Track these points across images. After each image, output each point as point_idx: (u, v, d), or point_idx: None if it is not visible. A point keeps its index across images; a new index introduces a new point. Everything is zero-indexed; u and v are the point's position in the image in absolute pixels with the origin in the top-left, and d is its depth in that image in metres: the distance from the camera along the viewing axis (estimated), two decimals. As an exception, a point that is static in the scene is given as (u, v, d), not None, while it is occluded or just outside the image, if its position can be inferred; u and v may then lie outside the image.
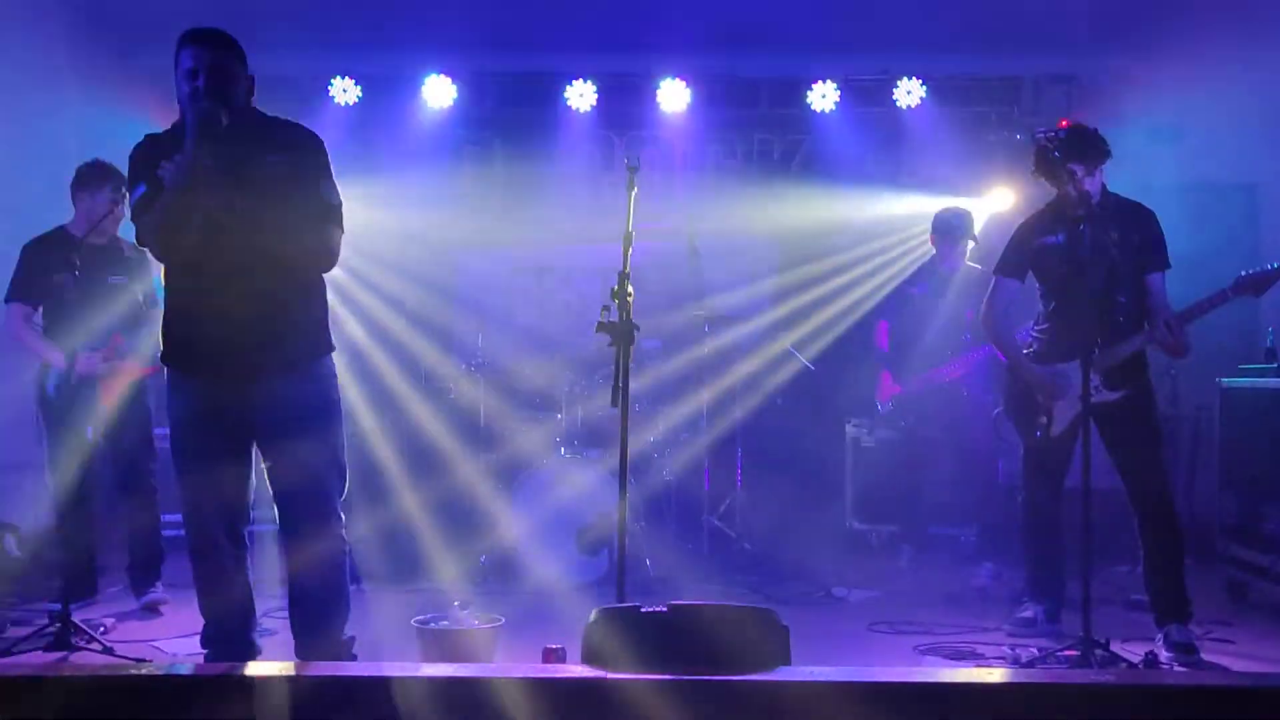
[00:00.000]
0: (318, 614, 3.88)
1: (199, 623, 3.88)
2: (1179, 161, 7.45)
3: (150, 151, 3.68)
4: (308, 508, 3.83)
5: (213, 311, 3.68)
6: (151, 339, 5.51)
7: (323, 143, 3.85)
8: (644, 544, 6.22)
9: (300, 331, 3.83)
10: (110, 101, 7.31)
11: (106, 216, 5.26)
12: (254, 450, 3.89)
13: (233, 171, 3.60)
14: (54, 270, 5.21)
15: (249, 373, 3.73)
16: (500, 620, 4.49)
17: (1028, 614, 5.11)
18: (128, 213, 3.81)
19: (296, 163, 3.73)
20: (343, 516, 3.91)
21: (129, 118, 7.34)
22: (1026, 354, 5.04)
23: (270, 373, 3.74)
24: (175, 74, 3.66)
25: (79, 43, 7.01)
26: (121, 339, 5.47)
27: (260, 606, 4.14)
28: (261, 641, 4.04)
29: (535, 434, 6.70)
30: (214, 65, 3.60)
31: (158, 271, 4.34)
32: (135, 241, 3.80)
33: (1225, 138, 7.45)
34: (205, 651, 3.90)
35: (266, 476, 3.87)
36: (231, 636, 3.86)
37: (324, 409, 3.86)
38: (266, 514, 4.00)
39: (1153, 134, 7.35)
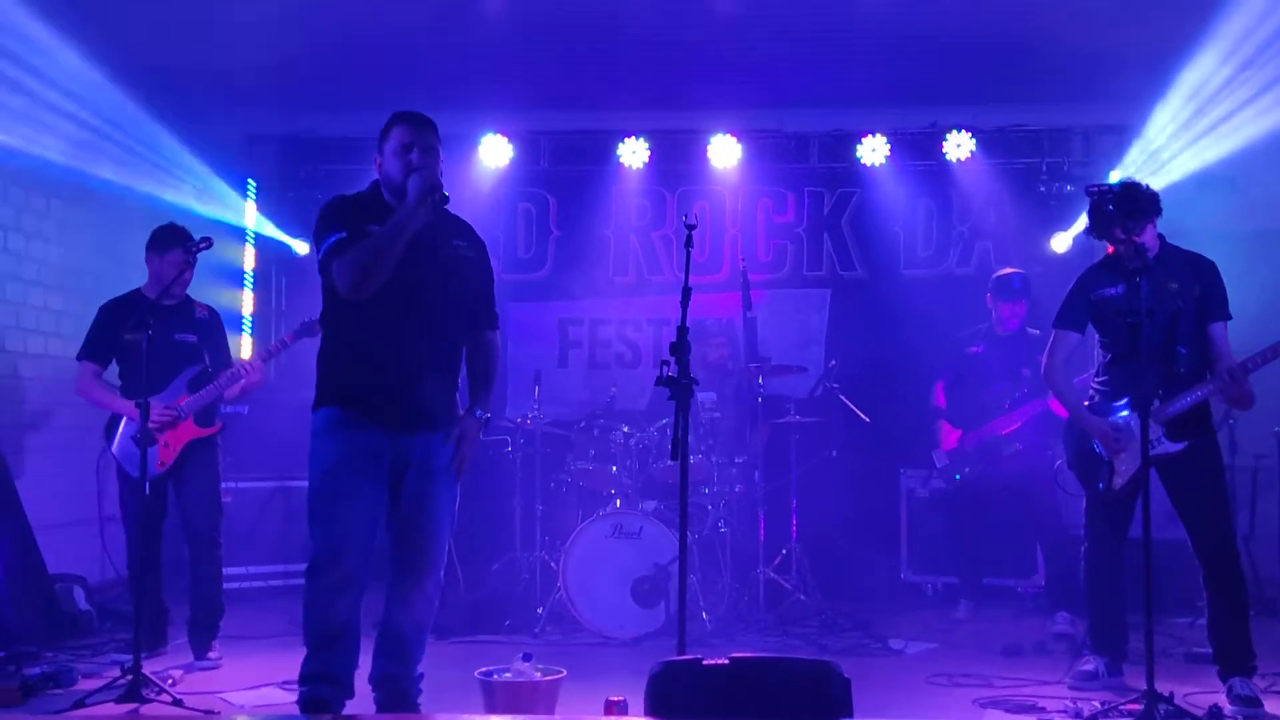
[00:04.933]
0: (409, 647, 4.07)
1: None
2: (1234, 210, 7.42)
3: (348, 206, 4.03)
4: (429, 555, 4.07)
5: (398, 364, 3.95)
6: (215, 398, 5.61)
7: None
8: (699, 596, 6.24)
9: (454, 394, 4.18)
10: (175, 170, 7.55)
11: (177, 279, 5.41)
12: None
13: (427, 243, 3.97)
14: (124, 329, 5.39)
15: (414, 424, 3.99)
16: (563, 672, 4.52)
17: (1089, 667, 5.07)
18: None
19: (477, 256, 4.20)
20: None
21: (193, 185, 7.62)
22: (1086, 405, 5.04)
23: (430, 427, 4.03)
24: (382, 148, 4.06)
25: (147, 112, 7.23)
26: (185, 398, 5.57)
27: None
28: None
29: (590, 485, 6.76)
30: (427, 144, 4.01)
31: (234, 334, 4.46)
32: (327, 281, 3.98)
33: (1281, 185, 7.43)
34: (303, 689, 3.94)
35: (391, 521, 4.04)
36: (337, 677, 3.92)
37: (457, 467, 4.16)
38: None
39: (1206, 182, 7.32)
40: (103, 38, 6.35)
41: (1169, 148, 7.48)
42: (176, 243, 5.53)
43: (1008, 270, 6.89)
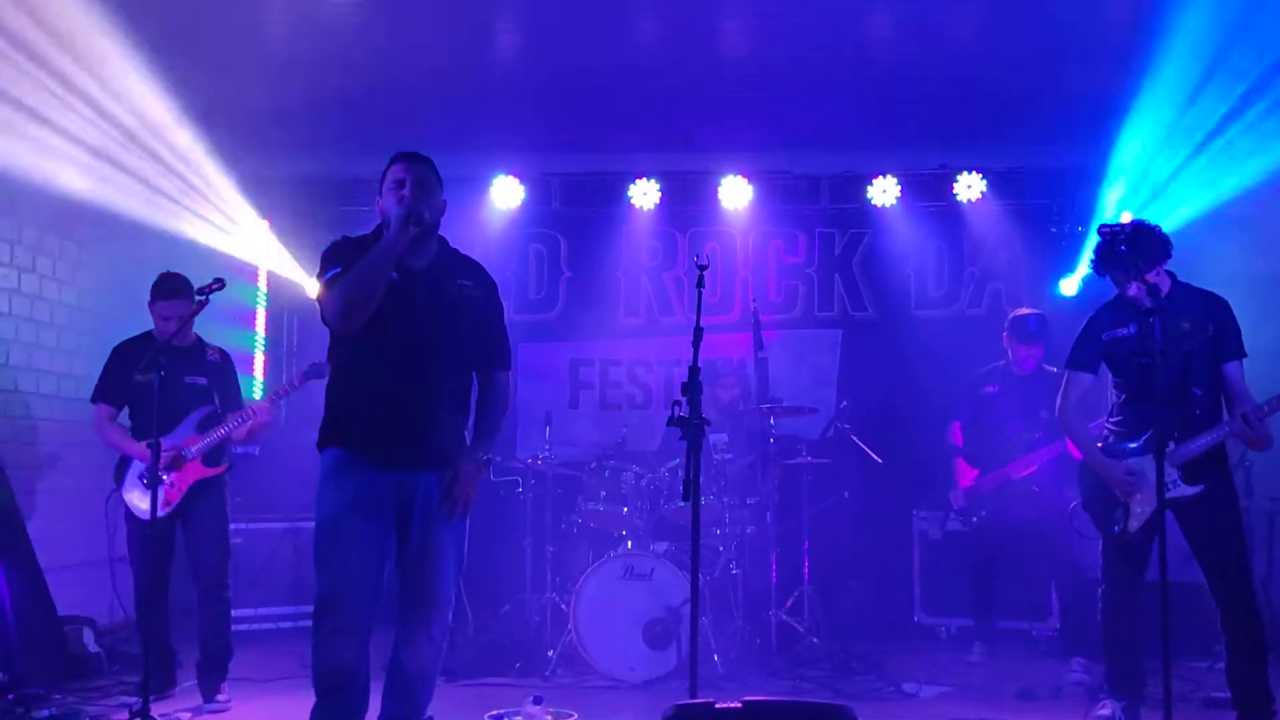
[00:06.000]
0: (416, 691, 4.03)
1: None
2: (1248, 250, 7.39)
3: (349, 246, 4.06)
4: (436, 598, 4.03)
5: (399, 403, 3.94)
6: (223, 439, 5.60)
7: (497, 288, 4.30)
8: (711, 638, 6.19)
9: (462, 432, 4.14)
10: (192, 209, 7.60)
11: (185, 322, 5.41)
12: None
13: (428, 282, 4.00)
14: (134, 371, 5.40)
15: (416, 463, 3.97)
16: (573, 716, 4.49)
17: (1106, 712, 5.00)
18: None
19: (484, 295, 4.17)
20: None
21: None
22: (1100, 446, 5.00)
23: (435, 466, 4.00)
24: (382, 186, 4.09)
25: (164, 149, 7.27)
26: (195, 439, 5.56)
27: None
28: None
29: (601, 526, 6.72)
30: (418, 179, 4.03)
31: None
32: (321, 315, 4.00)
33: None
34: None
35: (399, 563, 4.01)
36: None
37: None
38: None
39: (1219, 223, 7.30)
40: (123, 74, 6.41)
41: (1180, 188, 7.47)
42: (174, 293, 5.54)
43: (1025, 311, 6.84)
